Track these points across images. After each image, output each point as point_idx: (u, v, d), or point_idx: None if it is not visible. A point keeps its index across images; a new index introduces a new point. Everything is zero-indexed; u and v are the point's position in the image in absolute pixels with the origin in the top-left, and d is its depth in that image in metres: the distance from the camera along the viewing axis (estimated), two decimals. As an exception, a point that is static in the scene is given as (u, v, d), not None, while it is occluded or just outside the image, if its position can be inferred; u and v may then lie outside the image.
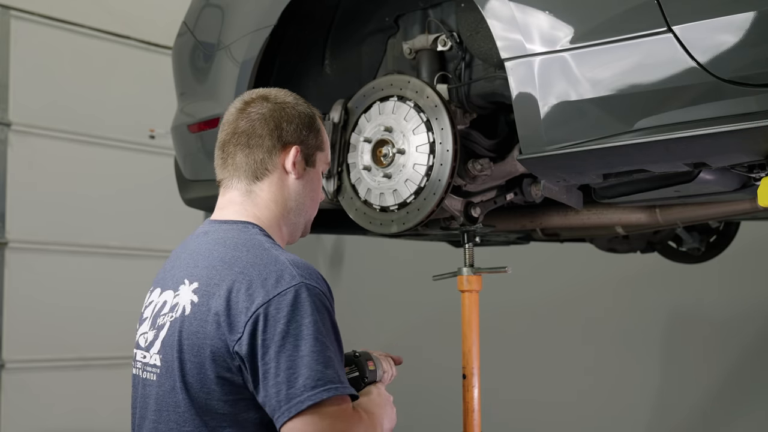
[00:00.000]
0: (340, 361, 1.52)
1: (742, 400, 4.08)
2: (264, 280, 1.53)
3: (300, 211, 1.75)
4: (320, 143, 1.76)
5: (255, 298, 1.51)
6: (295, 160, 1.70)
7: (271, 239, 1.66)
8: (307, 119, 1.73)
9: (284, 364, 1.48)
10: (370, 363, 1.83)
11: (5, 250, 4.49)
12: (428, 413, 4.94)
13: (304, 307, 1.50)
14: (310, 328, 1.49)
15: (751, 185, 2.03)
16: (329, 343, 1.50)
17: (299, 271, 1.54)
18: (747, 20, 1.56)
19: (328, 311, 1.54)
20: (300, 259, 1.59)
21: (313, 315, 1.50)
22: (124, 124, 4.99)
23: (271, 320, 1.50)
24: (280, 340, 1.48)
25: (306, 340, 1.48)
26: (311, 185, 1.75)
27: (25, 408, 4.48)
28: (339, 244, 5.98)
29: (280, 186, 1.71)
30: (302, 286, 1.51)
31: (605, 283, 4.47)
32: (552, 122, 1.77)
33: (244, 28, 2.47)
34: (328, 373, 1.47)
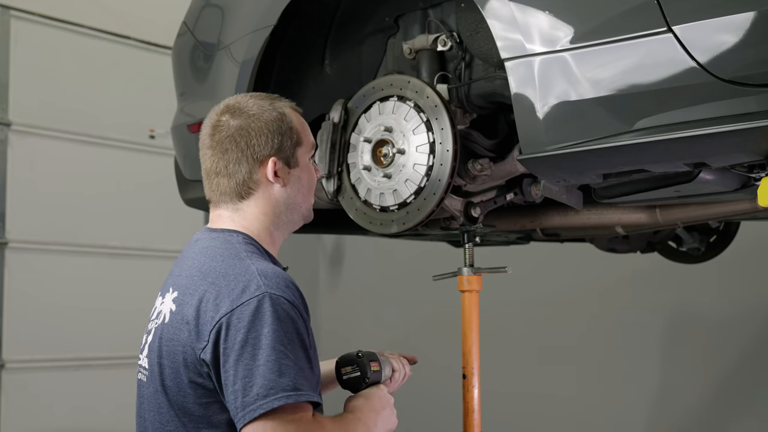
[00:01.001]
0: (303, 369, 1.53)
1: (742, 400, 4.08)
2: (231, 290, 1.58)
3: (293, 210, 1.78)
4: (296, 139, 1.77)
5: (220, 308, 1.57)
6: (276, 170, 1.73)
7: (255, 247, 1.70)
8: (276, 124, 1.74)
9: (241, 373, 1.52)
10: (374, 364, 1.83)
11: (5, 250, 4.49)
12: (428, 413, 4.94)
13: (264, 317, 1.53)
14: (268, 337, 1.52)
15: (751, 185, 2.03)
16: (289, 352, 1.52)
17: (266, 281, 1.57)
18: (747, 20, 1.56)
19: (292, 320, 1.56)
20: (273, 268, 1.63)
21: (273, 324, 1.53)
22: (124, 124, 4.99)
23: (232, 329, 1.54)
24: (239, 349, 1.53)
25: (263, 349, 1.51)
26: (299, 182, 1.78)
27: (25, 408, 4.48)
28: (339, 244, 5.98)
29: (267, 198, 1.75)
30: (265, 297, 1.55)
31: (605, 283, 4.47)
32: (552, 122, 1.77)
33: (244, 28, 2.47)
34: (282, 381, 1.49)
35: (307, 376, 1.54)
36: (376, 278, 5.61)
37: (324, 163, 2.26)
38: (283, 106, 1.79)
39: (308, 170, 1.80)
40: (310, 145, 1.81)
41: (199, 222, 5.02)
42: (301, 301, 1.62)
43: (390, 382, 1.96)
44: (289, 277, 1.63)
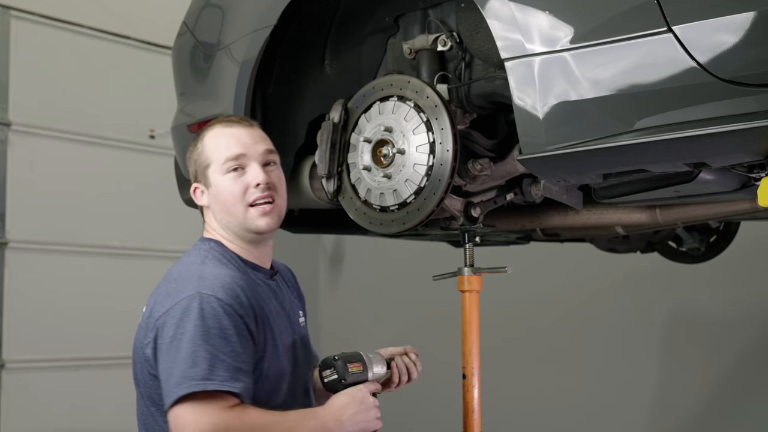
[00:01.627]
0: (223, 361, 1.67)
1: (742, 400, 4.08)
2: (173, 291, 1.78)
3: (229, 224, 1.92)
4: (205, 163, 1.93)
5: (162, 309, 1.77)
6: (196, 195, 1.97)
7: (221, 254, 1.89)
8: (192, 153, 1.97)
9: (166, 365, 1.71)
10: (354, 365, 1.87)
11: (5, 250, 4.49)
12: (428, 413, 4.93)
13: (191, 315, 1.71)
14: (190, 332, 1.69)
15: (751, 185, 2.03)
16: (209, 345, 1.68)
17: (202, 282, 1.76)
18: (747, 20, 1.56)
19: (218, 317, 1.71)
20: (216, 273, 1.80)
21: (196, 320, 1.70)
22: (124, 124, 4.99)
23: (165, 327, 1.74)
24: (167, 344, 1.72)
25: (185, 343, 1.69)
26: (216, 200, 1.92)
27: (25, 408, 4.47)
28: (339, 244, 5.98)
29: (209, 214, 1.97)
30: (196, 296, 1.73)
31: (605, 283, 4.47)
32: (552, 122, 1.77)
33: (244, 28, 2.47)
34: (193, 372, 1.65)
35: (227, 367, 1.67)
36: (376, 278, 5.61)
37: (324, 163, 2.26)
38: (207, 130, 1.97)
39: (220, 187, 1.91)
40: (222, 160, 1.90)
41: (199, 222, 4.99)
42: (238, 301, 1.75)
43: (390, 382, 1.96)
44: (233, 282, 1.78)
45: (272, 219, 1.92)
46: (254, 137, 1.95)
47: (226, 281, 1.77)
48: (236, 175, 1.90)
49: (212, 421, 1.63)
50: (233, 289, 1.76)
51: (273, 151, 1.98)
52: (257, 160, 1.92)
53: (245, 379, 1.71)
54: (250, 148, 1.92)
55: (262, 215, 1.90)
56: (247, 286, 1.82)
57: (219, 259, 1.87)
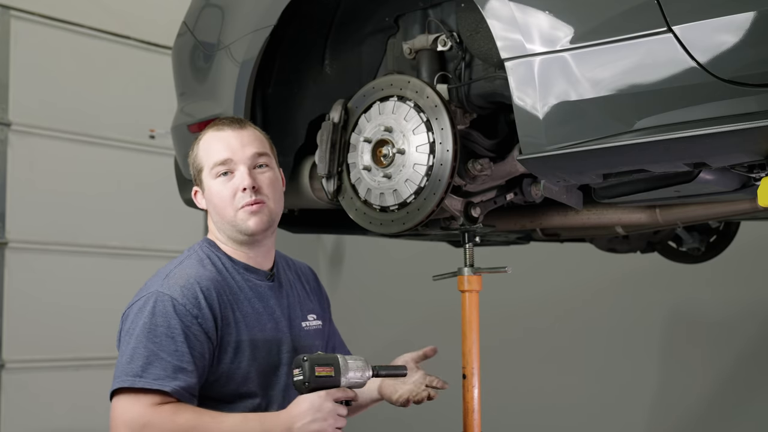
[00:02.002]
0: (161, 359, 1.73)
1: (742, 400, 4.08)
2: (142, 287, 1.87)
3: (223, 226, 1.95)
4: (199, 167, 1.97)
5: (129, 303, 1.86)
6: (196, 198, 2.01)
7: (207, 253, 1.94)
8: (191, 156, 2.00)
9: (118, 358, 1.79)
10: (323, 369, 1.79)
11: (5, 250, 4.48)
12: (428, 413, 4.93)
13: (144, 312, 1.78)
14: (138, 328, 1.77)
15: (751, 185, 2.03)
16: (150, 343, 1.74)
17: (164, 281, 1.83)
18: (747, 20, 1.56)
19: (167, 316, 1.77)
20: (184, 273, 1.85)
21: (146, 318, 1.77)
22: (124, 124, 4.98)
23: (125, 321, 1.84)
24: (122, 337, 1.82)
25: (132, 338, 1.77)
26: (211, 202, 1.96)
27: (25, 408, 4.47)
28: (339, 244, 5.97)
29: (209, 218, 2.01)
30: (153, 294, 1.80)
31: (605, 283, 4.47)
32: (552, 122, 1.77)
33: (244, 28, 2.47)
34: (129, 367, 1.73)
35: (165, 366, 1.72)
36: (376, 278, 5.61)
37: (324, 163, 2.26)
38: (203, 134, 2.00)
39: (211, 191, 1.95)
40: (211, 165, 1.94)
41: (200, 222, 5.01)
42: (193, 302, 1.80)
43: (397, 399, 1.97)
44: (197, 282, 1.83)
45: (261, 219, 1.92)
46: (243, 140, 1.95)
47: (188, 282, 1.82)
48: (225, 180, 1.93)
49: (136, 415, 1.70)
50: (192, 290, 1.81)
51: (264, 153, 1.98)
52: (245, 164, 1.93)
53: (186, 378, 1.74)
54: (237, 153, 1.94)
55: (251, 215, 1.91)
56: (215, 287, 1.86)
57: (200, 260, 1.92)
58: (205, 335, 1.79)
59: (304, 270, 2.18)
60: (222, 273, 1.91)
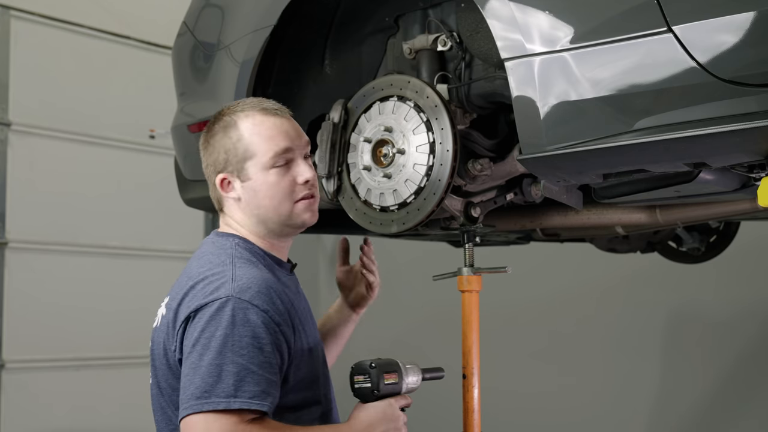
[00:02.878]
0: (253, 374, 1.55)
1: (742, 400, 4.08)
2: (202, 290, 1.64)
3: (266, 220, 1.78)
4: (244, 154, 1.76)
5: (190, 307, 1.63)
6: (223, 186, 1.79)
7: (250, 251, 1.75)
8: (223, 141, 1.78)
9: (187, 370, 1.58)
10: (390, 375, 1.74)
11: (5, 250, 4.48)
12: (428, 413, 4.93)
13: (221, 320, 1.57)
14: (219, 340, 1.56)
15: (751, 185, 2.03)
16: (238, 357, 1.55)
17: (236, 284, 1.62)
18: (747, 20, 1.56)
19: (251, 326, 1.58)
20: (251, 276, 1.65)
21: (227, 329, 1.56)
22: (124, 124, 4.98)
23: (191, 327, 1.61)
24: (191, 347, 1.59)
25: (210, 350, 1.56)
26: (256, 195, 1.77)
27: (25, 408, 4.47)
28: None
29: (236, 209, 1.80)
30: (229, 300, 1.59)
31: (605, 283, 4.47)
32: (552, 122, 1.77)
33: (244, 28, 2.47)
34: (219, 387, 1.53)
35: (258, 381, 1.55)
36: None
37: (324, 163, 2.26)
38: (242, 116, 1.78)
39: (266, 183, 1.76)
40: (271, 154, 1.76)
41: (200, 222, 5.02)
42: (274, 308, 1.64)
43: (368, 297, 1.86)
44: (268, 286, 1.65)
45: (314, 213, 1.82)
46: (297, 129, 1.82)
47: (262, 286, 1.64)
48: (282, 171, 1.77)
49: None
50: (269, 295, 1.64)
51: (309, 142, 1.86)
52: (301, 155, 1.81)
53: (275, 392, 1.59)
54: (295, 142, 1.79)
55: (307, 209, 1.80)
56: (280, 289, 1.71)
57: (249, 259, 1.73)
58: (286, 343, 1.65)
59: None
60: (271, 271, 1.76)
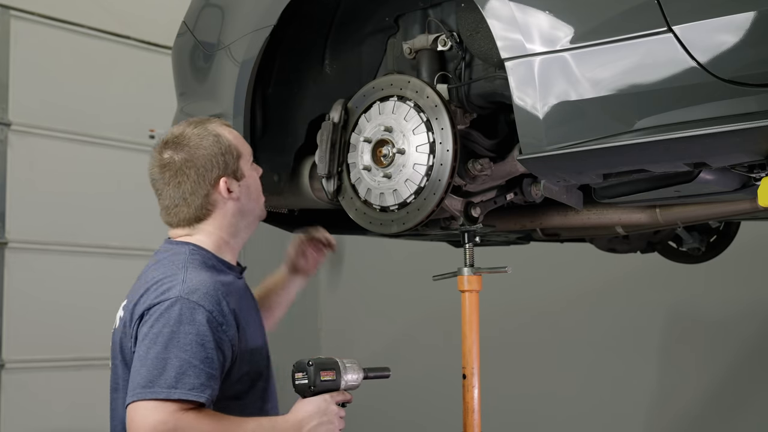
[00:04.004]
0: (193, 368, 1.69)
1: (742, 400, 4.08)
2: (155, 291, 1.79)
3: (247, 216, 1.97)
4: (237, 153, 1.93)
5: (144, 306, 1.79)
6: (228, 187, 1.91)
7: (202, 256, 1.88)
8: (216, 147, 1.91)
9: (136, 361, 1.73)
10: (327, 373, 1.85)
11: (5, 250, 4.49)
12: (428, 413, 4.93)
13: (170, 317, 1.73)
14: (166, 336, 1.72)
15: (751, 185, 2.03)
16: (181, 352, 1.70)
17: (186, 286, 1.77)
18: (747, 20, 1.56)
19: (196, 325, 1.73)
20: (200, 280, 1.80)
21: (174, 326, 1.72)
22: (124, 124, 4.99)
23: (143, 324, 1.76)
24: (141, 341, 1.75)
25: (158, 345, 1.71)
26: (248, 190, 1.95)
27: (25, 408, 4.48)
28: (339, 244, 5.95)
29: (224, 215, 1.93)
30: (179, 300, 1.75)
31: (605, 283, 4.47)
32: (552, 122, 1.77)
33: (244, 28, 2.47)
34: (162, 379, 1.68)
35: (199, 374, 1.69)
36: (376, 278, 5.61)
37: (324, 163, 2.26)
38: (215, 127, 1.95)
39: (252, 178, 1.97)
40: (248, 153, 1.98)
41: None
42: (219, 309, 1.77)
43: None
44: (216, 289, 1.80)
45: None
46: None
47: (210, 289, 1.79)
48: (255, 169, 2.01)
49: (163, 420, 1.66)
50: (216, 297, 1.79)
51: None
52: None
53: (214, 385, 1.73)
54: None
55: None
56: (228, 292, 1.84)
57: (201, 263, 1.87)
58: (229, 342, 1.79)
59: None
60: (221, 276, 1.90)
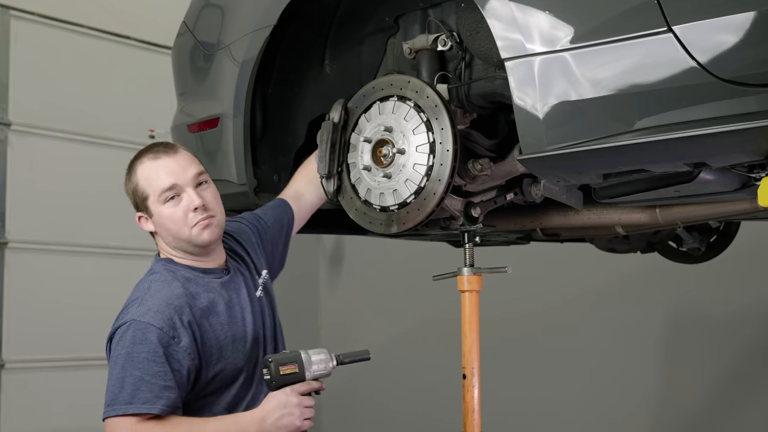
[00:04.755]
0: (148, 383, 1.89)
1: (742, 400, 4.08)
2: (119, 315, 2.01)
3: (178, 242, 2.09)
4: (143, 195, 2.10)
5: (112, 329, 2.00)
6: (141, 223, 2.14)
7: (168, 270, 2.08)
8: (128, 189, 2.14)
9: (108, 382, 1.95)
10: (287, 367, 1.98)
11: (5, 250, 4.49)
12: (428, 413, 4.94)
13: (125, 340, 1.94)
14: (122, 357, 1.93)
15: (751, 185, 2.03)
16: (136, 370, 1.90)
17: (138, 309, 1.97)
18: (747, 20, 1.56)
19: (148, 343, 1.92)
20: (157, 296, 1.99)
21: (128, 347, 1.93)
22: (124, 124, 4.99)
23: (109, 348, 2.00)
24: (110, 363, 1.97)
25: (116, 366, 1.93)
26: (162, 226, 2.09)
27: (25, 407, 4.48)
28: (339, 244, 5.98)
29: (159, 239, 2.15)
30: (131, 323, 1.95)
31: (605, 283, 4.47)
32: (552, 122, 1.77)
33: (244, 28, 2.47)
34: (121, 396, 1.90)
35: (152, 388, 1.89)
36: (376, 278, 5.61)
37: (324, 163, 2.26)
38: (137, 164, 2.13)
39: (162, 216, 2.08)
40: (159, 192, 2.07)
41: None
42: (170, 324, 1.95)
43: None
44: (168, 305, 1.97)
45: (213, 231, 2.10)
46: (181, 164, 2.10)
47: (161, 306, 1.97)
48: (174, 203, 2.07)
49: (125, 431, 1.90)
50: (166, 313, 1.96)
51: (202, 171, 2.14)
52: (190, 185, 2.08)
53: (169, 395, 1.91)
54: (179, 176, 2.08)
55: (204, 229, 2.08)
56: (187, 303, 2.00)
57: (166, 280, 2.05)
58: (184, 352, 1.95)
59: (237, 229, 2.31)
60: (188, 286, 2.05)
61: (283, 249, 2.42)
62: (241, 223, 2.34)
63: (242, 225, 2.34)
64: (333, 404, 5.68)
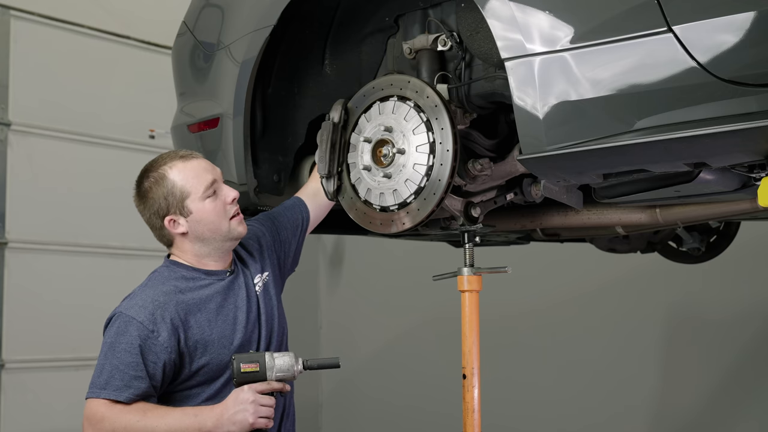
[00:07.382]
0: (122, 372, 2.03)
1: (742, 400, 4.08)
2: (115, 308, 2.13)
3: (210, 241, 2.18)
4: (181, 195, 2.15)
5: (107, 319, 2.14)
6: (173, 225, 2.17)
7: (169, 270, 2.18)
8: (160, 191, 2.17)
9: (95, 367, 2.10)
10: (248, 365, 2.06)
11: (5, 250, 4.49)
12: (428, 413, 4.94)
13: (111, 330, 2.09)
14: (106, 346, 2.08)
15: (751, 185, 2.03)
16: (113, 359, 2.05)
17: (128, 302, 2.11)
18: (747, 20, 1.56)
19: (128, 335, 2.05)
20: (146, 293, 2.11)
21: (112, 337, 2.07)
22: (124, 124, 4.99)
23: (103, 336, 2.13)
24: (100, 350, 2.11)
25: (102, 353, 2.08)
26: (199, 224, 2.16)
27: (25, 408, 4.48)
28: (339, 244, 5.98)
29: (182, 242, 2.20)
30: (119, 315, 2.09)
31: (605, 283, 4.47)
32: (552, 122, 1.77)
33: (244, 28, 2.47)
34: (98, 380, 2.06)
35: (123, 377, 2.03)
36: (376, 278, 5.61)
37: (324, 163, 2.26)
38: (167, 168, 2.18)
39: (205, 211, 2.16)
40: (204, 188, 2.15)
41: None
42: (152, 320, 2.06)
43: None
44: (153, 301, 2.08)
45: (245, 225, 2.23)
46: (211, 164, 2.24)
47: (147, 302, 2.09)
48: (214, 198, 2.17)
49: (94, 412, 2.05)
50: (150, 309, 2.07)
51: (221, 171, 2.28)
52: (221, 181, 2.23)
53: (139, 384, 2.04)
54: (215, 173, 2.21)
55: (240, 223, 2.20)
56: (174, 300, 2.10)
57: (161, 277, 2.16)
58: (161, 346, 2.05)
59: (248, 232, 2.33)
60: (180, 284, 2.15)
61: (297, 248, 2.47)
62: (253, 226, 2.38)
63: (254, 227, 2.38)
64: (333, 404, 5.69)
